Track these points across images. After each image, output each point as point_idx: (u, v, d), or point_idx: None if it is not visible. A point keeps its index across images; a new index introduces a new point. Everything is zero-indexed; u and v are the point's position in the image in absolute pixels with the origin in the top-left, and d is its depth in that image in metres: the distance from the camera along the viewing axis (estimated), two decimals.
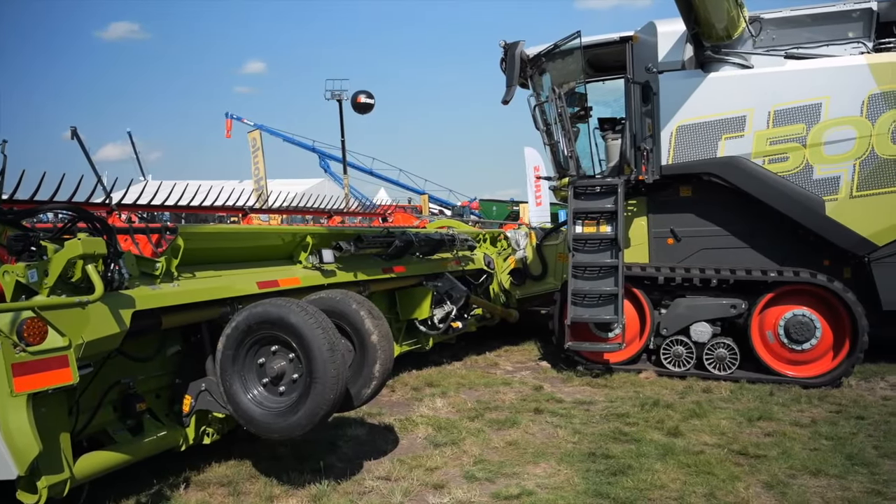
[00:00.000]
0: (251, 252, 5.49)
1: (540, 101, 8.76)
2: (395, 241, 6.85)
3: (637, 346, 7.94)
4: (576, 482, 4.58)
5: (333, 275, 5.95)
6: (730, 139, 7.47)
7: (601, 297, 7.58)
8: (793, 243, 7.63)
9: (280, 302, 4.28)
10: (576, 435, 5.58)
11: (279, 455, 5.12)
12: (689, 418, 5.99)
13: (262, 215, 10.68)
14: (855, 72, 7.15)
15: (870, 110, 7.07)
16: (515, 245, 9.83)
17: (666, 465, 4.83)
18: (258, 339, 4.29)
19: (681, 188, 8.01)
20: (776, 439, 5.40)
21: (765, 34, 7.70)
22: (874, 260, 7.18)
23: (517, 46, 8.20)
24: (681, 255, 7.99)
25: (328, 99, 28.49)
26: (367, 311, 4.80)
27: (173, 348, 4.75)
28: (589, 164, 8.86)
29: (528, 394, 7.00)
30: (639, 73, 7.91)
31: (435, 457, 5.07)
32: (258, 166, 25.68)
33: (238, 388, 4.31)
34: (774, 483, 4.50)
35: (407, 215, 14.40)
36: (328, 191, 26.21)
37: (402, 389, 7.18)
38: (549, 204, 22.39)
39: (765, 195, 7.41)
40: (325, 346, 4.08)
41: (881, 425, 5.71)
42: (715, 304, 7.61)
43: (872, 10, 7.44)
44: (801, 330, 7.24)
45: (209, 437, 4.83)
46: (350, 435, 5.57)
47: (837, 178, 7.19)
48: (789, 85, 7.34)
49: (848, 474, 4.64)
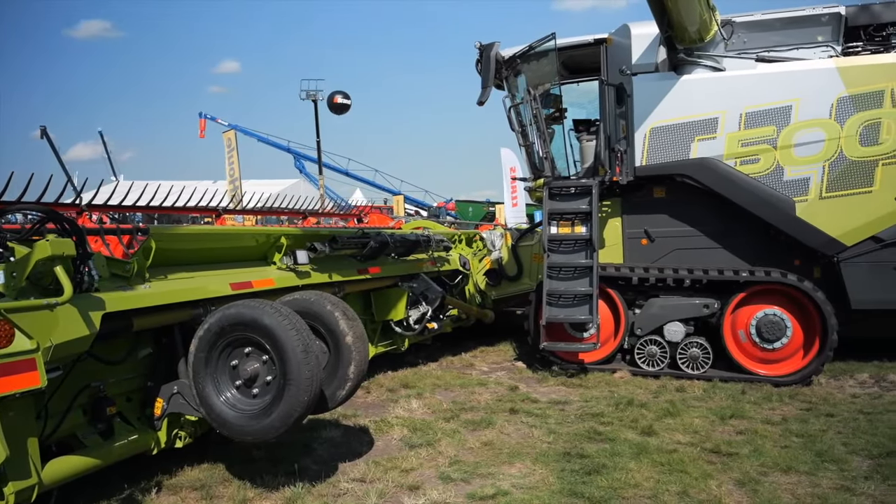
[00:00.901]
0: (224, 253, 5.44)
1: (515, 102, 8.79)
2: (371, 241, 6.83)
3: (612, 346, 8.00)
4: (551, 482, 4.60)
5: (308, 276, 5.92)
6: (702, 141, 7.55)
7: (576, 297, 7.62)
8: (764, 243, 7.73)
9: (253, 303, 4.24)
10: (551, 435, 5.60)
11: (253, 458, 5.07)
12: (663, 417, 6.04)
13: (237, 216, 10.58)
14: (824, 75, 7.27)
15: (838, 113, 7.19)
16: (491, 246, 9.85)
17: (640, 463, 4.86)
18: (231, 341, 4.25)
19: (654, 189, 8.09)
20: (748, 437, 5.47)
21: (736, 37, 7.79)
22: (843, 260, 7.30)
23: (492, 48, 8.22)
24: (654, 255, 8.06)
25: (303, 99, 28.35)
26: (341, 313, 4.77)
27: (145, 351, 4.68)
28: (564, 165, 8.91)
29: (503, 394, 7.02)
30: (613, 75, 7.97)
31: (410, 458, 5.06)
32: (233, 167, 25.48)
33: (211, 391, 4.26)
34: (746, 480, 4.56)
35: (382, 216, 14.36)
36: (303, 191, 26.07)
37: (378, 391, 7.16)
38: (525, 205, 22.47)
39: (737, 196, 7.50)
40: (299, 347, 4.05)
41: (850, 422, 5.80)
42: (688, 303, 7.69)
43: (841, 14, 7.56)
44: (772, 329, 7.34)
45: (181, 440, 4.77)
46: (325, 437, 5.54)
47: (807, 179, 7.30)
48: (760, 87, 7.44)
49: (818, 471, 4.71)
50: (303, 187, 34.06)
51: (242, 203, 9.16)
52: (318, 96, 27.78)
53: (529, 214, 21.95)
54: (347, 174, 37.82)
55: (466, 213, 29.17)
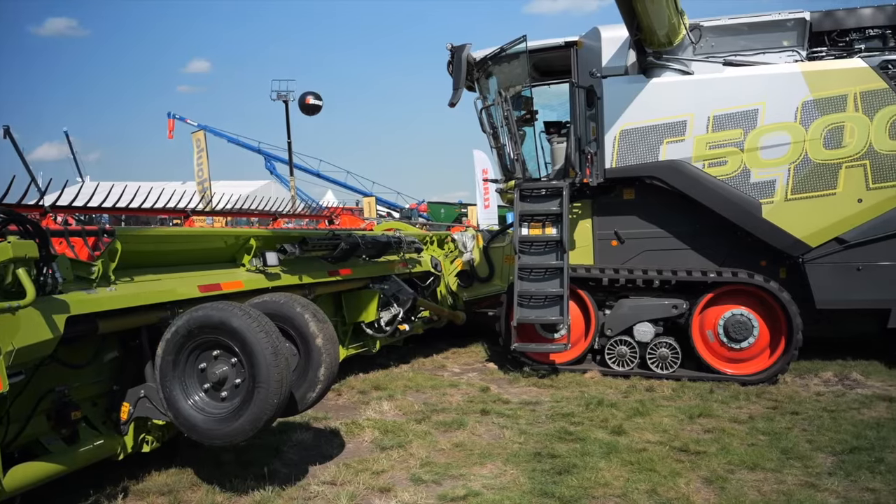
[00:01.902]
0: (193, 255, 5.38)
1: (486, 104, 8.82)
2: (341, 243, 6.80)
3: (582, 347, 8.05)
4: (521, 482, 4.61)
5: (278, 278, 5.88)
6: (671, 143, 7.64)
7: (547, 298, 7.66)
8: (732, 245, 7.84)
9: (222, 305, 4.20)
10: (522, 435, 5.62)
11: (222, 461, 5.02)
12: (633, 417, 6.10)
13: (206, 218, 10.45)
14: (789, 79, 7.39)
15: (803, 116, 7.31)
16: (462, 247, 9.86)
17: (610, 463, 4.90)
18: (199, 343, 4.21)
19: (624, 191, 8.16)
20: (715, 435, 5.54)
21: (704, 41, 7.89)
22: (808, 260, 7.43)
23: (464, 49, 8.23)
24: (624, 256, 8.13)
25: (274, 100, 28.09)
26: (311, 314, 4.75)
27: (110, 354, 4.61)
28: (535, 166, 8.95)
29: (474, 395, 7.03)
30: (583, 78, 8.03)
31: (381, 460, 5.04)
32: (202, 168, 25.18)
33: (178, 394, 4.21)
34: (714, 478, 4.62)
35: (354, 218, 14.31)
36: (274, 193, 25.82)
37: (349, 393, 7.13)
38: (497, 206, 22.55)
39: (705, 198, 7.59)
40: (269, 349, 4.02)
41: (815, 420, 5.91)
42: (657, 304, 7.77)
43: (806, 20, 7.70)
44: (739, 329, 7.45)
45: (149, 444, 4.71)
46: (295, 440, 5.51)
47: (773, 181, 7.41)
48: (727, 91, 7.54)
49: (783, 468, 4.79)
50: (274, 188, 33.82)
51: (212, 204, 9.03)
52: (289, 97, 27.54)
53: (502, 216, 22.04)
54: (319, 175, 37.65)
55: (438, 215, 29.16)
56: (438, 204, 31.38)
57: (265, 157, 37.22)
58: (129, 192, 7.18)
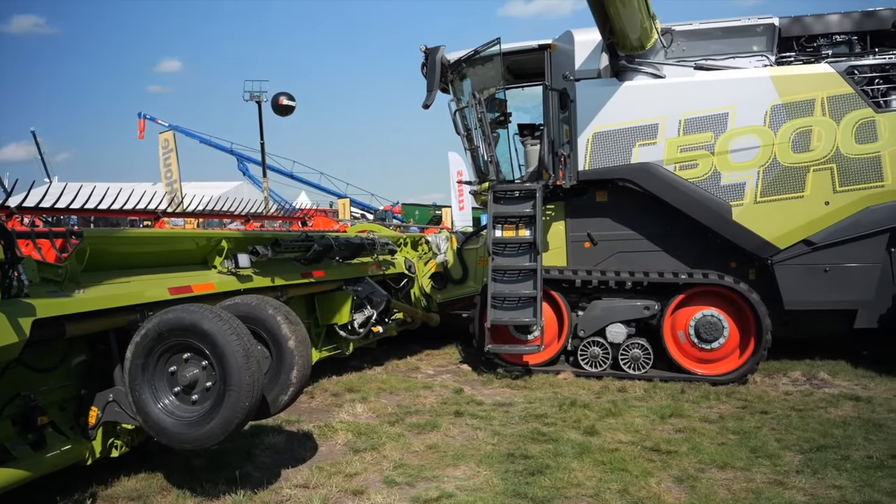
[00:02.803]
0: (163, 257, 5.32)
1: (460, 106, 8.83)
2: (314, 245, 6.76)
3: (555, 348, 8.09)
4: (495, 483, 4.62)
5: (250, 280, 5.82)
6: (643, 146, 7.71)
7: (520, 300, 7.69)
8: (703, 246, 7.93)
9: (193, 308, 4.15)
10: (495, 436, 5.63)
11: (193, 466, 4.96)
12: (605, 417, 6.14)
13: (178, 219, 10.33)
14: (758, 83, 7.51)
15: (772, 120, 7.43)
16: (436, 249, 9.86)
17: (582, 463, 4.93)
18: (170, 346, 4.15)
19: (597, 193, 8.22)
20: (686, 435, 5.60)
21: (676, 45, 7.99)
22: (776, 262, 7.55)
23: (438, 51, 8.23)
24: (597, 258, 8.19)
25: (247, 100, 27.90)
26: (283, 317, 4.71)
27: (78, 358, 4.53)
28: (508, 169, 8.98)
29: (448, 397, 7.03)
30: (556, 81, 8.08)
31: (354, 463, 5.02)
32: (171, 169, 24.91)
33: (148, 398, 4.15)
34: (685, 477, 4.67)
35: (327, 219, 14.24)
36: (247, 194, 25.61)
37: (322, 395, 7.09)
38: (472, 208, 22.59)
39: (676, 200, 7.67)
40: (240, 352, 3.98)
41: (783, 419, 6.00)
42: (629, 305, 7.84)
43: (775, 25, 7.83)
44: (709, 329, 7.54)
45: (117, 449, 4.64)
46: (267, 443, 5.46)
47: (743, 184, 7.52)
48: (698, 95, 7.64)
49: (752, 466, 4.85)
50: (246, 190, 33.60)
51: (183, 205, 8.94)
52: (262, 97, 27.38)
53: (476, 218, 22.08)
54: (292, 177, 37.46)
55: (413, 217, 29.15)
56: (413, 206, 31.37)
57: (238, 158, 36.97)
58: (98, 192, 7.08)
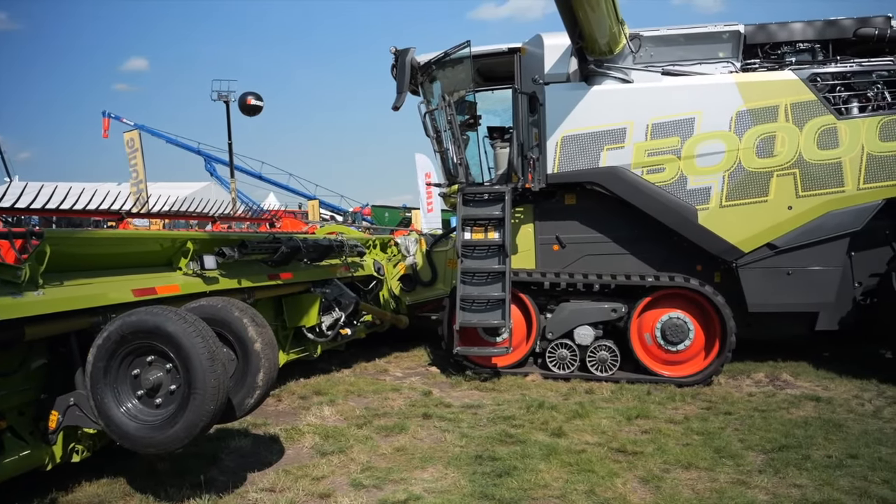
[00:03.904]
0: (127, 258, 5.22)
1: (430, 108, 8.83)
2: (282, 246, 6.70)
3: (524, 350, 8.12)
4: (462, 485, 4.62)
5: (216, 282, 5.75)
6: (611, 150, 7.78)
7: (489, 302, 7.71)
8: (669, 250, 8.03)
9: (156, 310, 4.08)
10: (463, 438, 5.64)
11: (157, 470, 4.88)
12: (573, 419, 6.18)
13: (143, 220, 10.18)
14: (724, 89, 7.62)
15: (737, 126, 7.55)
16: (405, 251, 9.84)
17: (549, 464, 4.95)
18: (133, 349, 4.08)
19: (566, 196, 8.28)
20: (652, 436, 5.66)
21: (644, 51, 8.07)
22: (741, 265, 7.67)
23: (408, 53, 8.22)
24: (566, 260, 8.24)
25: (215, 100, 27.57)
26: (250, 319, 4.66)
27: (38, 361, 4.43)
28: (478, 171, 9.00)
29: (417, 399, 7.02)
30: (526, 84, 8.12)
31: (322, 465, 4.99)
32: (136, 169, 24.52)
33: (110, 402, 4.07)
34: (650, 478, 4.71)
35: (295, 221, 14.14)
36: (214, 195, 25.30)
37: (289, 398, 7.03)
38: (441, 210, 22.60)
39: (643, 204, 7.76)
40: (205, 355, 3.93)
41: (746, 420, 6.09)
42: (597, 308, 7.90)
43: (740, 32, 7.95)
44: (675, 332, 7.63)
45: (79, 454, 4.54)
46: (233, 447, 5.40)
47: (709, 188, 7.63)
48: (665, 100, 7.73)
49: (716, 466, 4.92)
50: (214, 191, 33.21)
51: (148, 206, 8.81)
52: (230, 97, 27.09)
53: (446, 220, 22.09)
54: (261, 178, 37.10)
55: (383, 219, 29.08)
56: (383, 207, 31.30)
57: (205, 158, 36.50)
58: (61, 192, 6.97)
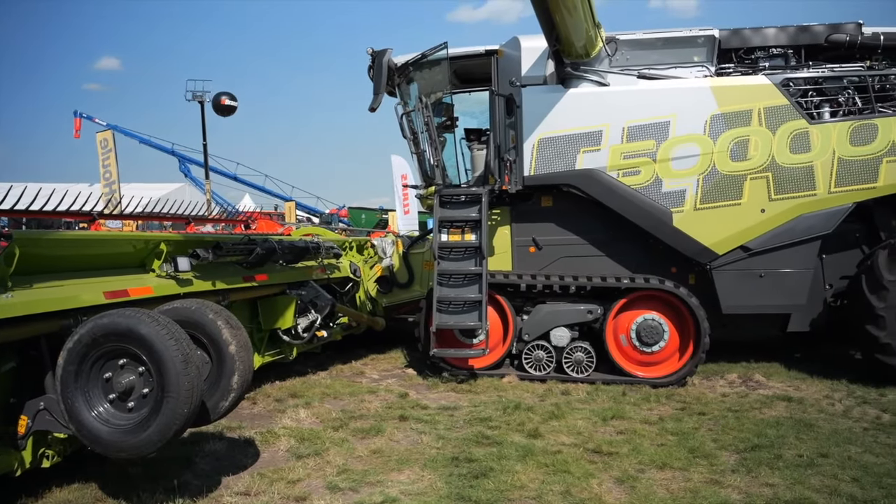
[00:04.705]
0: (99, 260, 5.14)
1: (407, 109, 8.81)
2: (257, 248, 6.64)
3: (500, 352, 8.14)
4: (439, 487, 4.61)
5: (190, 284, 5.69)
6: (587, 152, 7.83)
7: (466, 304, 7.71)
8: (644, 252, 8.09)
9: (129, 312, 4.03)
10: (440, 440, 5.63)
11: (129, 475, 4.81)
12: (549, 420, 6.20)
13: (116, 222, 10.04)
14: (699, 93, 7.71)
15: (711, 129, 7.63)
16: (382, 253, 9.81)
17: (526, 465, 4.97)
18: (104, 352, 4.01)
19: (542, 198, 8.31)
20: (627, 436, 5.70)
21: (620, 54, 8.14)
22: (715, 267, 7.75)
23: (385, 54, 8.20)
24: (542, 262, 8.28)
25: (189, 100, 27.31)
26: (224, 321, 4.62)
27: (7, 365, 4.34)
28: (455, 173, 9.00)
29: (393, 401, 6.99)
30: (503, 86, 8.13)
31: (297, 469, 4.95)
32: (109, 170, 24.20)
33: (81, 406, 4.00)
34: (625, 478, 4.74)
35: (271, 222, 14.05)
36: (189, 196, 25.12)
37: (265, 401, 6.97)
38: (418, 212, 22.54)
39: (619, 206, 7.81)
40: (179, 357, 3.88)
41: (720, 420, 6.16)
42: (573, 309, 7.93)
43: (715, 37, 8.05)
44: (650, 333, 7.69)
45: (49, 459, 4.47)
46: (207, 450, 5.34)
47: (683, 191, 7.70)
48: (641, 103, 7.79)
49: (690, 466, 4.97)
50: (188, 192, 32.88)
51: (121, 207, 8.69)
52: (204, 97, 26.85)
53: (422, 222, 22.04)
54: (236, 179, 36.76)
55: (359, 221, 28.98)
56: (359, 209, 31.19)
57: (179, 159, 36.11)
58: (31, 193, 6.85)
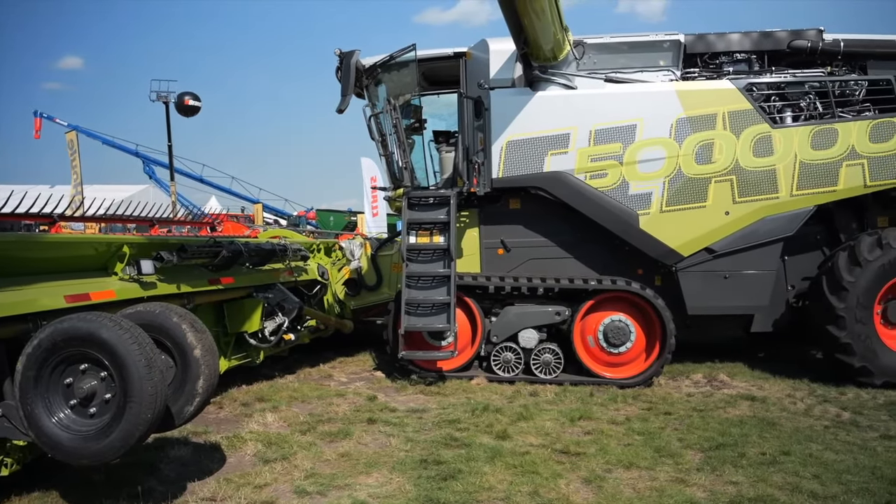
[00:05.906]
0: (59, 263, 5.03)
1: (375, 111, 8.80)
2: (223, 251, 6.57)
3: (469, 354, 8.14)
4: (407, 489, 4.60)
5: (154, 287, 5.60)
6: (555, 155, 7.88)
7: (434, 306, 7.71)
8: (611, 254, 8.17)
9: (90, 316, 3.95)
10: (408, 443, 5.62)
11: (92, 482, 4.72)
12: (517, 421, 6.22)
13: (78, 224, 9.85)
14: (664, 97, 7.81)
15: (677, 133, 7.74)
16: (350, 255, 9.76)
17: (494, 467, 4.97)
18: (65, 357, 3.93)
19: (510, 201, 8.35)
20: (594, 437, 5.74)
21: (587, 58, 8.21)
22: (681, 269, 7.86)
23: (353, 56, 8.17)
24: (510, 264, 8.31)
25: (153, 100, 26.88)
26: (189, 325, 4.55)
27: None
28: (423, 175, 9.00)
29: (361, 404, 6.96)
30: (471, 89, 8.15)
31: (264, 473, 4.90)
32: (76, 171, 23.78)
33: (41, 412, 3.92)
34: (592, 478, 4.78)
35: (238, 225, 13.91)
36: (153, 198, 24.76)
37: (231, 405, 6.89)
38: (386, 214, 22.52)
39: (586, 209, 7.88)
40: (142, 362, 3.82)
41: (685, 419, 6.23)
42: (541, 311, 7.97)
43: (680, 41, 8.17)
44: (617, 334, 7.76)
45: (7, 467, 4.36)
46: (172, 455, 5.25)
47: (650, 194, 7.79)
48: (608, 106, 7.87)
49: (656, 465, 5.02)
50: (152, 194, 32.38)
51: (83, 209, 8.53)
52: (169, 98, 26.47)
53: (392, 224, 22.02)
54: (202, 181, 36.23)
55: (328, 223, 28.85)
56: (328, 211, 31.05)
57: (144, 160, 35.49)
58: None
